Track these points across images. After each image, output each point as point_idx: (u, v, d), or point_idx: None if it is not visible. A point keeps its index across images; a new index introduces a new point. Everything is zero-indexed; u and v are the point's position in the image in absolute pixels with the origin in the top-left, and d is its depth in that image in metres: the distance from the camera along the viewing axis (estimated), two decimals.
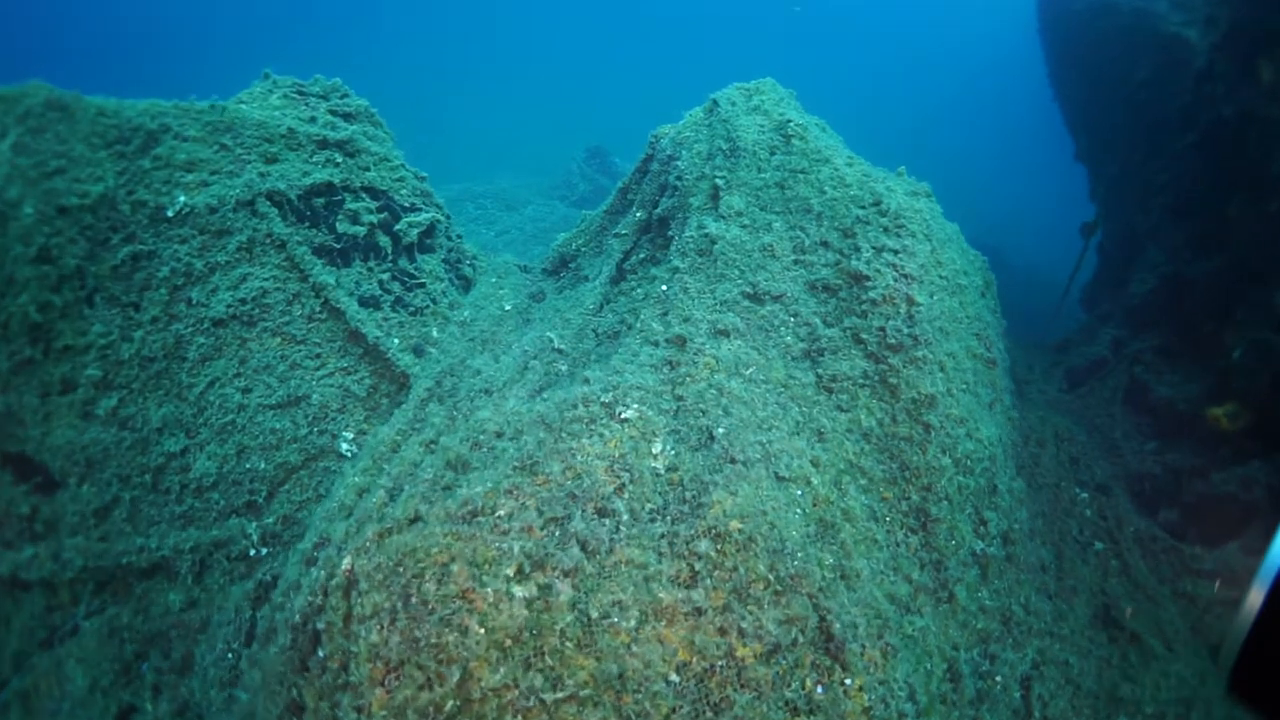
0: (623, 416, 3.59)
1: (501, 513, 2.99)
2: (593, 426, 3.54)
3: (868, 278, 4.32)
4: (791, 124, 5.08)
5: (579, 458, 3.40)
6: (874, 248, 4.45)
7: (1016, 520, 4.84)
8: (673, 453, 3.60)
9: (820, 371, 4.16)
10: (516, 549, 2.81)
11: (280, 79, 5.79)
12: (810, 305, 4.39)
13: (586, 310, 5.16)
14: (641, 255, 5.34)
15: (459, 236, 6.09)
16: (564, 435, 3.54)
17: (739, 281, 4.44)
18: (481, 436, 3.76)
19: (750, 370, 4.07)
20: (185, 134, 5.33)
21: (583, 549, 2.87)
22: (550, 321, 5.24)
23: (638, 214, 5.43)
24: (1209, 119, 7.32)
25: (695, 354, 4.05)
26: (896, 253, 4.43)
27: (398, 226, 5.14)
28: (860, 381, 4.14)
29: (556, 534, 2.91)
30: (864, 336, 4.21)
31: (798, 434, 3.91)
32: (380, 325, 4.82)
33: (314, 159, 5.11)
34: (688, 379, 3.93)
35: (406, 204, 5.32)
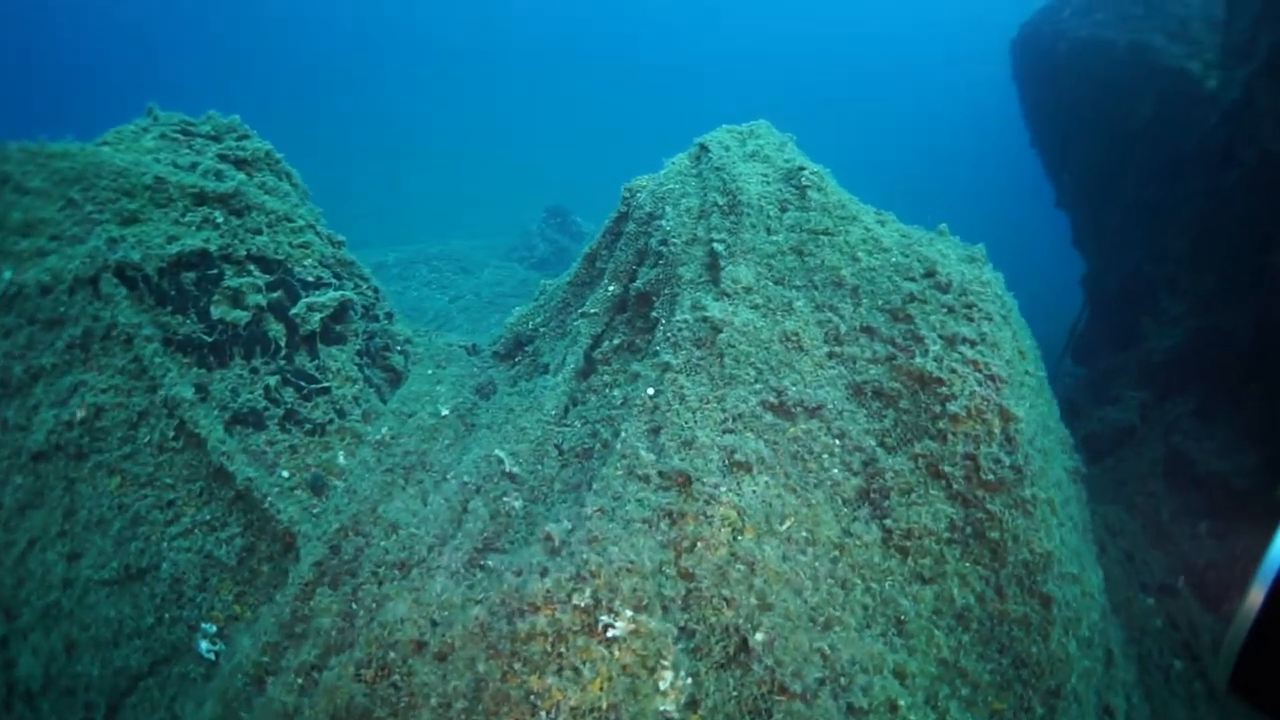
0: (609, 634, 2.17)
1: None
2: (563, 655, 2.11)
3: (941, 381, 2.97)
4: (806, 172, 3.76)
5: (544, 715, 1.98)
6: (942, 337, 3.11)
7: (1133, 695, 3.48)
8: (689, 682, 2.19)
9: (889, 523, 2.78)
10: None
11: (166, 115, 4.37)
12: (860, 421, 3.02)
13: (547, 416, 3.74)
14: (616, 341, 3.95)
15: (388, 315, 4.65)
16: (517, 668, 2.11)
17: (756, 386, 3.06)
18: (392, 655, 2.31)
19: (788, 525, 2.68)
20: (26, 185, 3.87)
21: None
22: (500, 431, 3.81)
23: (610, 288, 4.05)
24: (1249, 156, 6.19)
25: (707, 502, 2.65)
26: (974, 344, 3.09)
27: (294, 310, 3.70)
28: (947, 536, 2.77)
29: None
30: (945, 469, 2.84)
31: (868, 626, 2.51)
32: (259, 456, 3.33)
33: (186, 219, 3.67)
34: (699, 545, 2.52)
35: (310, 278, 3.89)
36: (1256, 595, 1.14)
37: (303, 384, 3.61)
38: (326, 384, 3.66)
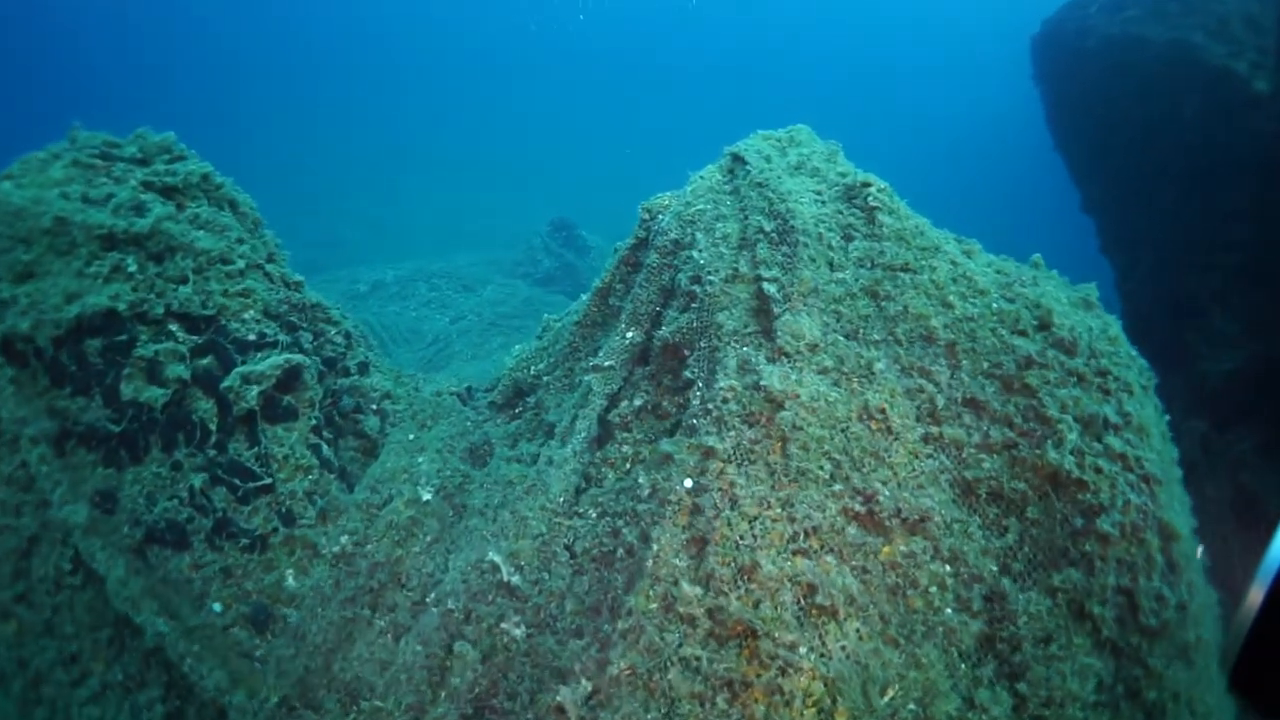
0: None
1: None
2: None
3: (1083, 485, 2.13)
4: (873, 190, 2.91)
5: None
6: (1078, 419, 2.27)
7: None
8: None
9: (1022, 688, 1.94)
10: None
11: (87, 136, 3.51)
12: (975, 536, 2.17)
13: (554, 503, 2.90)
14: (638, 402, 3.10)
15: (362, 367, 3.80)
16: None
17: (835, 487, 2.22)
18: None
19: (891, 697, 1.84)
20: None
21: None
22: (497, 519, 2.97)
23: (629, 334, 3.19)
24: None
25: (781, 670, 1.81)
26: (1117, 429, 2.25)
27: (226, 383, 2.84)
28: (1093, 699, 1.94)
29: None
30: (1093, 609, 2.00)
31: None
32: (182, 588, 2.47)
33: (92, 269, 2.82)
34: None
35: (251, 336, 3.02)
36: (1256, 595, 1.08)
37: (238, 482, 2.75)
38: (269, 480, 2.79)
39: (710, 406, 2.51)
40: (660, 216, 3.36)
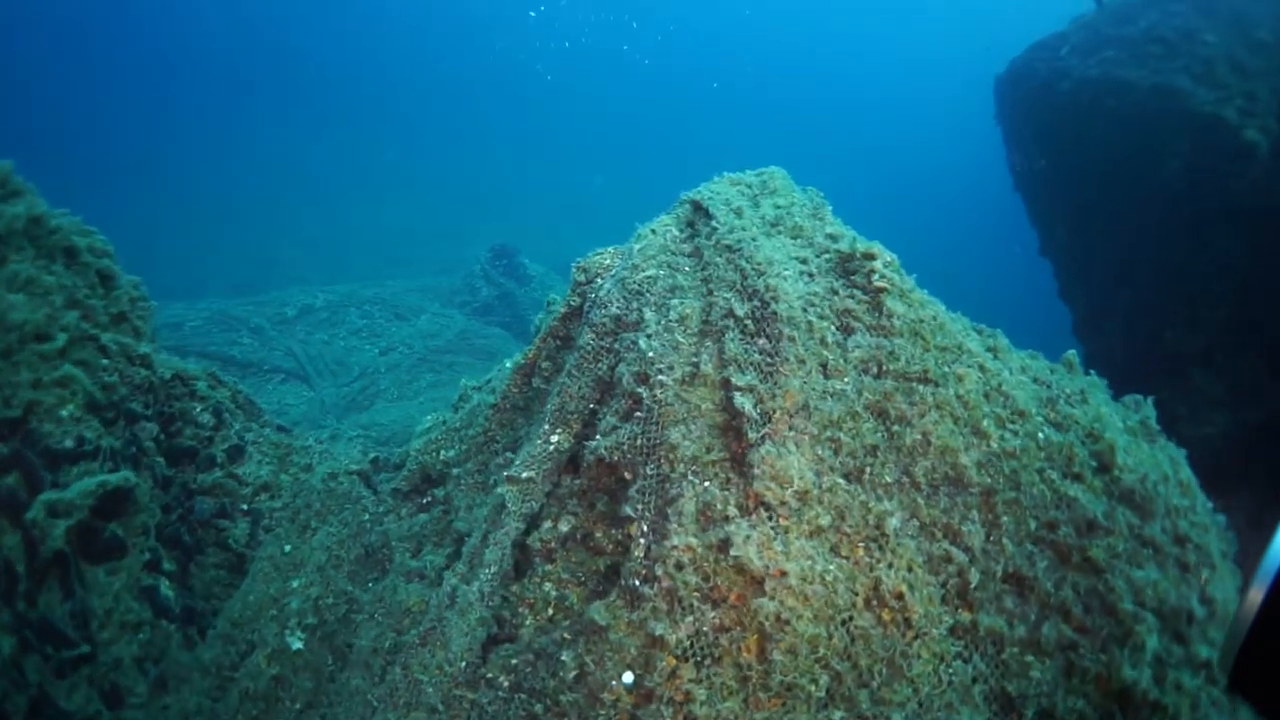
0: None
1: None
2: None
3: (1160, 709, 1.47)
4: (878, 265, 2.20)
5: None
6: (1155, 612, 1.59)
7: None
8: None
9: None
10: None
11: None
12: None
13: (454, 668, 2.12)
14: (564, 528, 2.33)
15: (232, 453, 2.96)
16: None
17: (836, 714, 1.50)
18: None
19: None
20: None
21: None
22: (384, 674, 2.18)
23: (553, 437, 2.41)
24: None
25: None
26: (1201, 625, 1.60)
27: (31, 513, 2.00)
28: None
29: None
30: None
31: None
32: None
33: None
34: None
35: (68, 443, 2.20)
36: (1256, 595, 1.04)
37: (50, 649, 1.91)
38: (86, 647, 1.96)
39: (659, 571, 1.75)
40: (599, 283, 2.61)
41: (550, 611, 2.26)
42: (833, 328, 2.07)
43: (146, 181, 22.31)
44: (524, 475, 2.36)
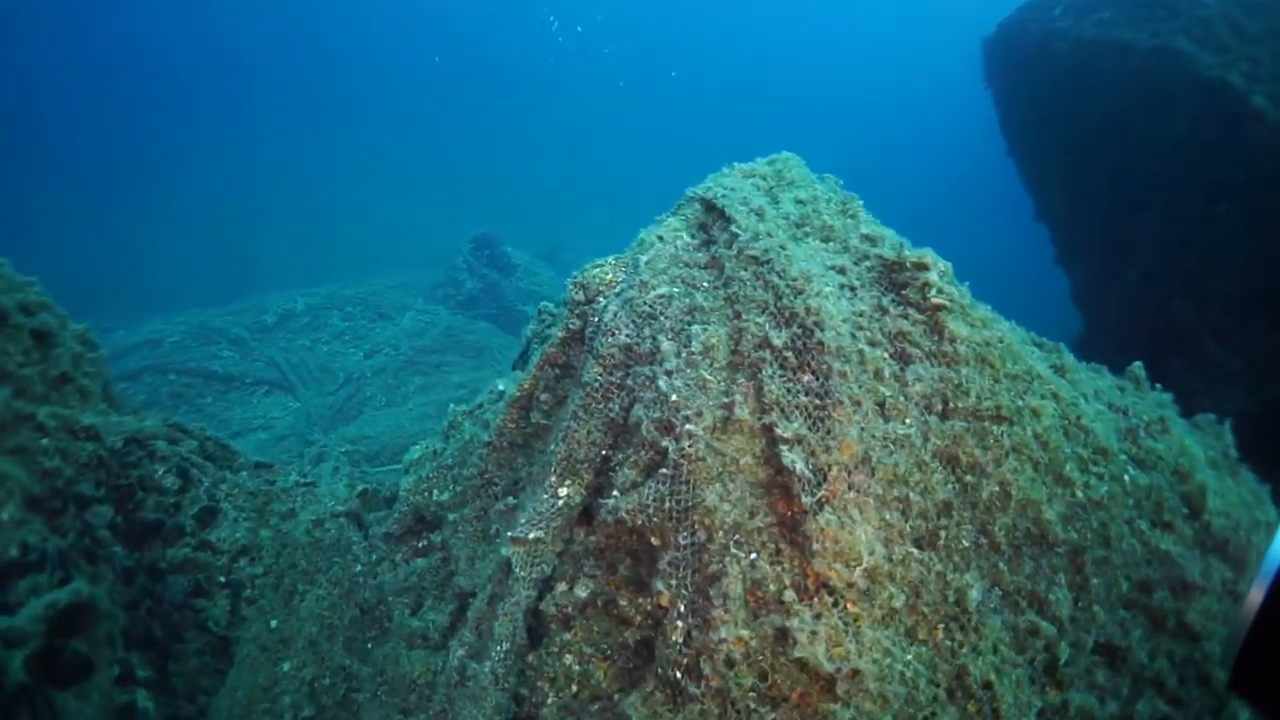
0: None
1: None
2: None
3: None
4: (932, 278, 1.89)
5: None
6: None
7: None
8: None
9: None
10: None
11: None
12: None
13: None
14: (582, 593, 2.03)
15: (202, 516, 2.63)
16: None
17: None
18: None
19: None
20: None
21: None
22: None
23: (563, 490, 2.10)
24: None
25: None
26: None
27: None
28: None
29: None
30: None
31: None
32: None
33: None
34: None
35: (13, 551, 1.90)
36: (1256, 595, 1.04)
37: None
38: None
39: (707, 669, 1.46)
40: (601, 300, 2.29)
41: (574, 689, 1.97)
42: (887, 357, 1.77)
43: (120, 187, 21.70)
44: (531, 536, 2.05)
